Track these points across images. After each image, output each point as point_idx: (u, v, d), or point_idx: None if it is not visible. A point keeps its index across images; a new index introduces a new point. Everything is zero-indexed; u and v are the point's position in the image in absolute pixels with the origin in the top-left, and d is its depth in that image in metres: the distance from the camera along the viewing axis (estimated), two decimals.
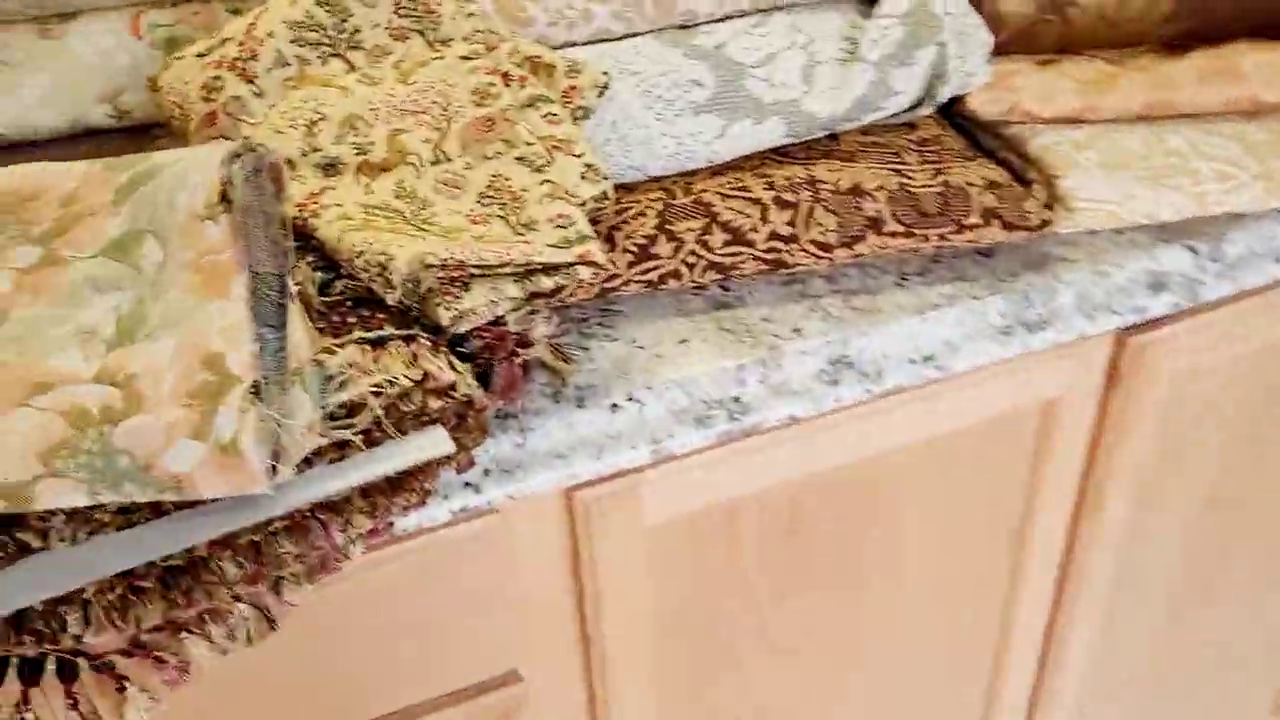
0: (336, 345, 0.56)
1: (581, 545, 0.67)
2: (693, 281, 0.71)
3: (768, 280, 0.73)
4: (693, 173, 0.76)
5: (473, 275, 0.60)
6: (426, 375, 0.56)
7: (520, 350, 0.62)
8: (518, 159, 0.66)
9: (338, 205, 0.64)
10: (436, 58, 0.70)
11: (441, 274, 0.59)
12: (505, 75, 0.70)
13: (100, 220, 0.59)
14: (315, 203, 0.64)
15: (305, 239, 0.63)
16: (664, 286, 0.70)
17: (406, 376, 0.55)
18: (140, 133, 0.82)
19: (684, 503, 0.69)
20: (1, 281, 0.58)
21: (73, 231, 0.59)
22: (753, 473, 0.69)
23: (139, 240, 0.58)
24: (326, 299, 0.61)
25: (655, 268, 0.69)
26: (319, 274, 0.61)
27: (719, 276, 0.71)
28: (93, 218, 0.59)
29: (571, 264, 0.62)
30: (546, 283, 0.62)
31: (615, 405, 0.63)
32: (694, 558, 0.72)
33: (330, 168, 0.67)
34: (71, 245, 0.59)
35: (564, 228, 0.64)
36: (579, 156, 0.68)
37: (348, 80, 0.70)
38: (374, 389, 0.54)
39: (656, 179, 0.75)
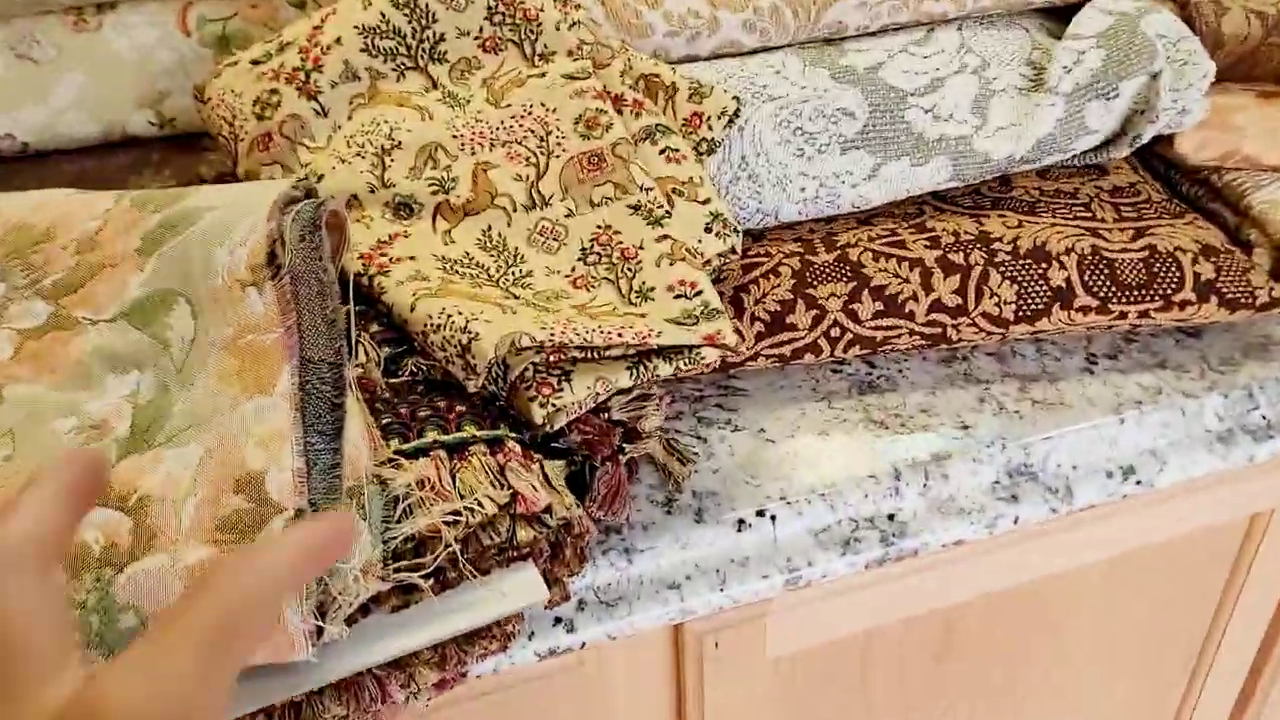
0: (404, 454, 0.44)
1: (689, 685, 0.55)
2: (833, 357, 0.58)
3: (921, 354, 0.60)
4: (832, 219, 0.63)
5: (575, 359, 0.48)
6: (516, 496, 0.44)
7: (626, 446, 0.50)
8: (631, 207, 0.54)
9: (411, 259, 0.53)
10: (535, 75, 0.58)
11: (537, 359, 0.47)
12: (617, 99, 0.57)
13: (123, 273, 0.48)
14: (384, 254, 0.53)
15: (370, 302, 0.52)
16: (798, 361, 0.58)
17: (491, 499, 0.43)
18: (186, 144, 0.70)
19: (815, 634, 0.57)
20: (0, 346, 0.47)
21: (89, 285, 0.48)
22: (902, 599, 0.57)
23: (167, 304, 0.47)
24: (393, 381, 0.49)
25: (790, 341, 0.57)
26: (385, 348, 0.49)
27: (865, 352, 0.58)
28: (114, 270, 0.48)
29: (697, 346, 0.49)
30: (664, 369, 0.49)
31: (743, 522, 0.51)
32: (819, 690, 0.60)
33: (403, 208, 0.55)
34: (87, 304, 0.48)
35: (687, 298, 0.52)
36: (704, 204, 0.56)
37: (427, 100, 0.58)
38: (450, 517, 0.42)
39: (788, 225, 0.63)
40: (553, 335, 0.47)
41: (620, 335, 0.48)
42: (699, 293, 0.52)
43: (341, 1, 0.60)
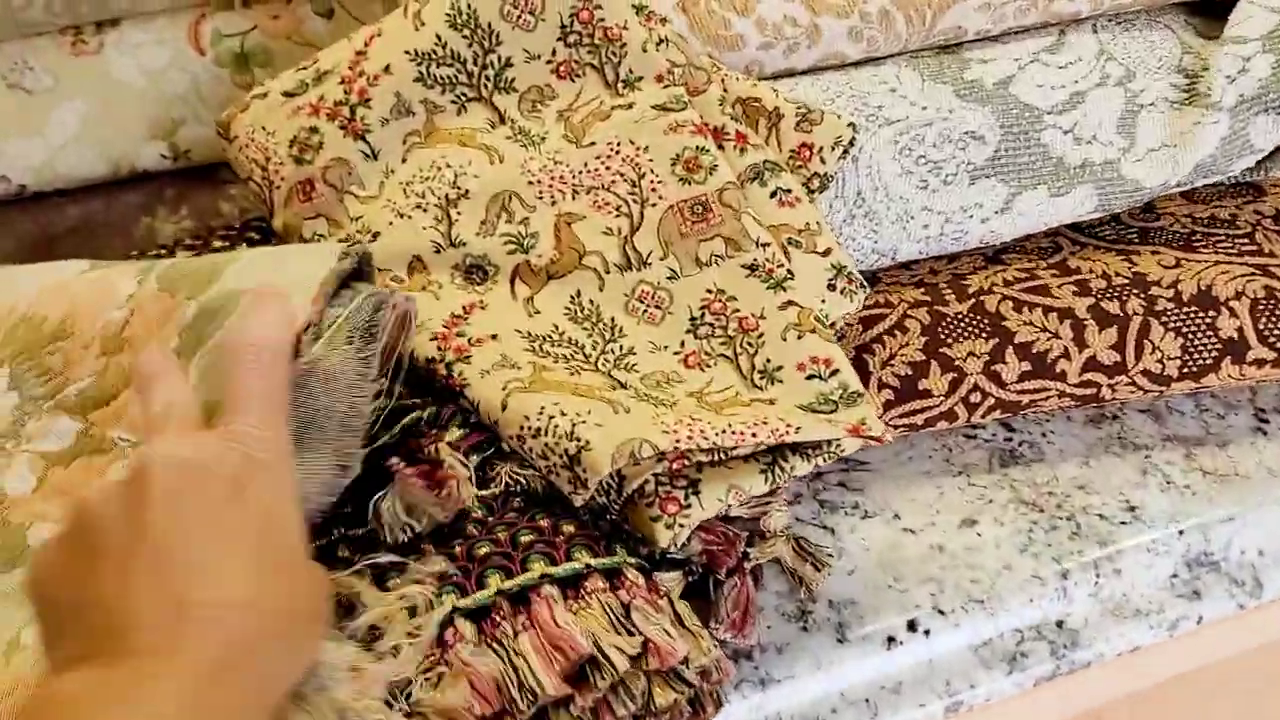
0: (508, 594, 0.37)
1: None
2: (969, 423, 0.51)
3: (1066, 413, 0.53)
4: (955, 256, 0.55)
5: (700, 463, 0.41)
6: (648, 646, 0.36)
7: (751, 551, 0.43)
8: (746, 267, 0.46)
9: (493, 338, 0.45)
10: (621, 107, 0.49)
11: (658, 469, 0.40)
12: (718, 133, 0.49)
13: None
14: (460, 332, 0.45)
15: (447, 395, 0.44)
16: (928, 430, 0.50)
17: (621, 650, 0.36)
18: (203, 177, 0.62)
19: None
20: (19, 474, 0.39)
21: (122, 397, 0.40)
22: (1058, 704, 0.50)
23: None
24: (485, 494, 0.41)
25: (924, 410, 0.49)
26: (473, 455, 0.42)
27: (1007, 415, 0.51)
28: None
29: (837, 439, 0.42)
30: (802, 468, 0.42)
31: (892, 639, 0.44)
32: None
33: (476, 271, 0.47)
34: (120, 420, 0.40)
35: (821, 378, 0.44)
36: (825, 255, 0.48)
37: (495, 138, 0.50)
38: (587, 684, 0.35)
39: (905, 264, 0.55)
40: (678, 442, 0.39)
41: (754, 434, 0.40)
42: (835, 372, 0.44)
43: (387, 20, 0.51)
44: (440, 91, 0.50)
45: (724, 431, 0.40)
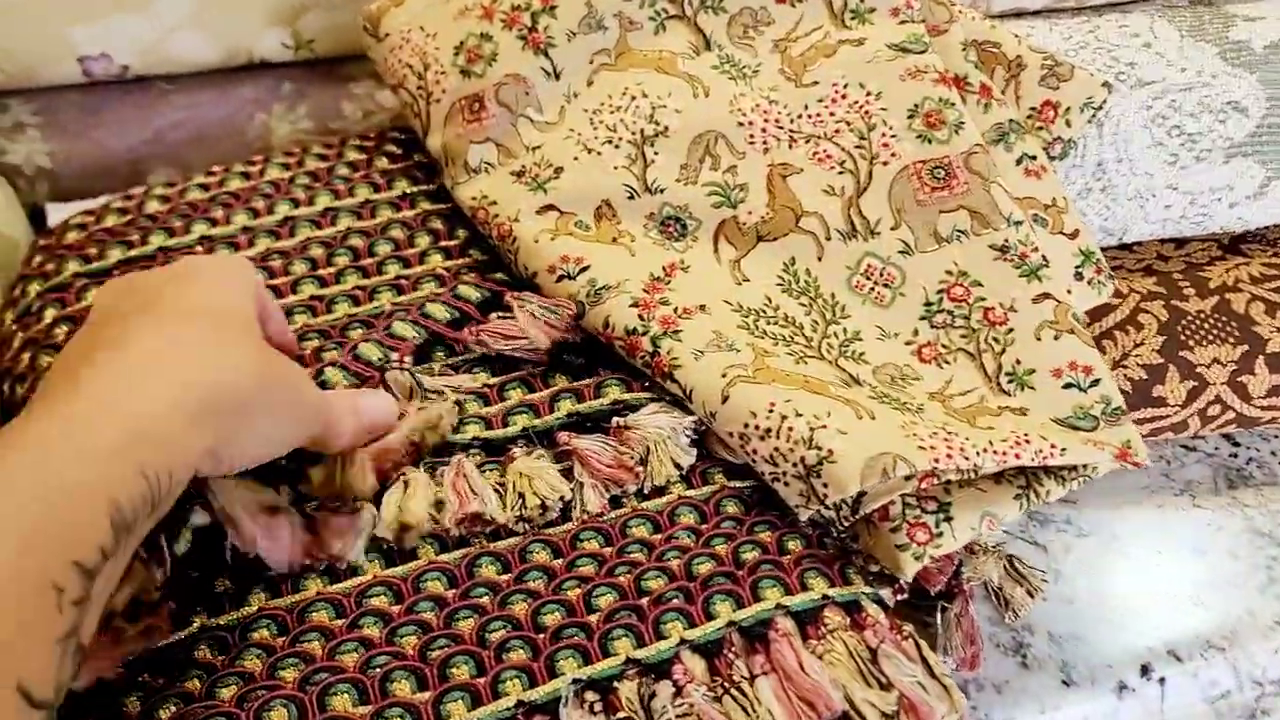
0: (741, 627, 0.32)
1: None
2: (1197, 435, 0.45)
3: None
4: (1183, 241, 0.49)
5: (948, 483, 0.35)
6: (903, 703, 0.31)
7: (962, 569, 0.38)
8: (996, 248, 0.40)
9: (701, 309, 0.38)
10: (849, 42, 0.42)
11: (907, 489, 0.34)
12: (959, 82, 0.42)
13: None
14: (663, 300, 0.38)
15: (631, 374, 0.38)
16: (1150, 440, 0.45)
17: (874, 706, 0.31)
18: (326, 72, 0.55)
19: None
20: None
21: None
22: None
23: None
24: (693, 495, 0.36)
25: (1154, 419, 0.44)
26: (683, 449, 0.36)
27: (1240, 430, 0.45)
28: None
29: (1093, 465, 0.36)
30: (1056, 492, 0.36)
31: (1124, 685, 0.39)
32: None
33: (673, 224, 0.41)
34: None
35: (1080, 388, 0.38)
36: (1072, 237, 0.41)
37: (699, 66, 0.43)
38: None
39: (1126, 245, 0.49)
40: (936, 462, 0.33)
41: (1017, 456, 0.35)
42: (1095, 382, 0.38)
43: None
44: (638, 4, 0.43)
45: (985, 450, 0.34)
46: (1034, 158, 0.42)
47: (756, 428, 0.35)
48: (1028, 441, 0.35)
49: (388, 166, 0.47)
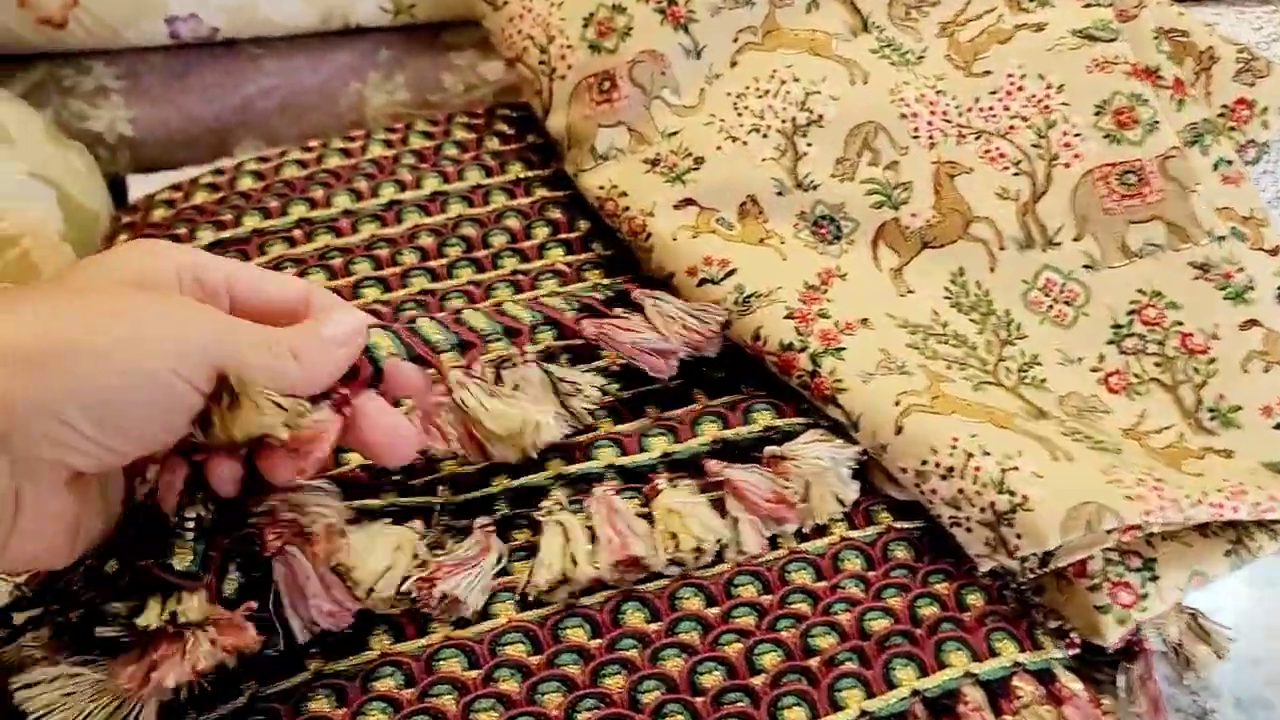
0: (926, 696, 0.28)
1: None
2: None
3: None
4: None
5: (1150, 537, 0.31)
6: None
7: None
8: (1196, 266, 0.35)
9: (863, 323, 0.34)
10: (1028, 26, 0.38)
11: (1109, 543, 0.30)
12: (1150, 74, 0.38)
13: None
14: (821, 312, 0.34)
15: (786, 395, 0.34)
16: None
17: None
18: (426, 40, 0.51)
19: None
20: None
21: None
22: None
23: None
24: (856, 537, 0.32)
25: None
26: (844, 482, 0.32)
27: None
28: None
29: None
30: (1269, 547, 0.32)
31: None
32: None
33: (827, 224, 0.37)
34: None
35: None
36: (1273, 254, 0.37)
37: (857, 49, 0.39)
38: None
39: None
40: (1147, 514, 0.29)
41: (1234, 508, 0.30)
42: None
43: None
44: None
45: (1200, 502, 0.30)
46: (1230, 162, 0.37)
47: (937, 465, 0.31)
48: (1244, 492, 0.31)
49: (499, 148, 0.43)
